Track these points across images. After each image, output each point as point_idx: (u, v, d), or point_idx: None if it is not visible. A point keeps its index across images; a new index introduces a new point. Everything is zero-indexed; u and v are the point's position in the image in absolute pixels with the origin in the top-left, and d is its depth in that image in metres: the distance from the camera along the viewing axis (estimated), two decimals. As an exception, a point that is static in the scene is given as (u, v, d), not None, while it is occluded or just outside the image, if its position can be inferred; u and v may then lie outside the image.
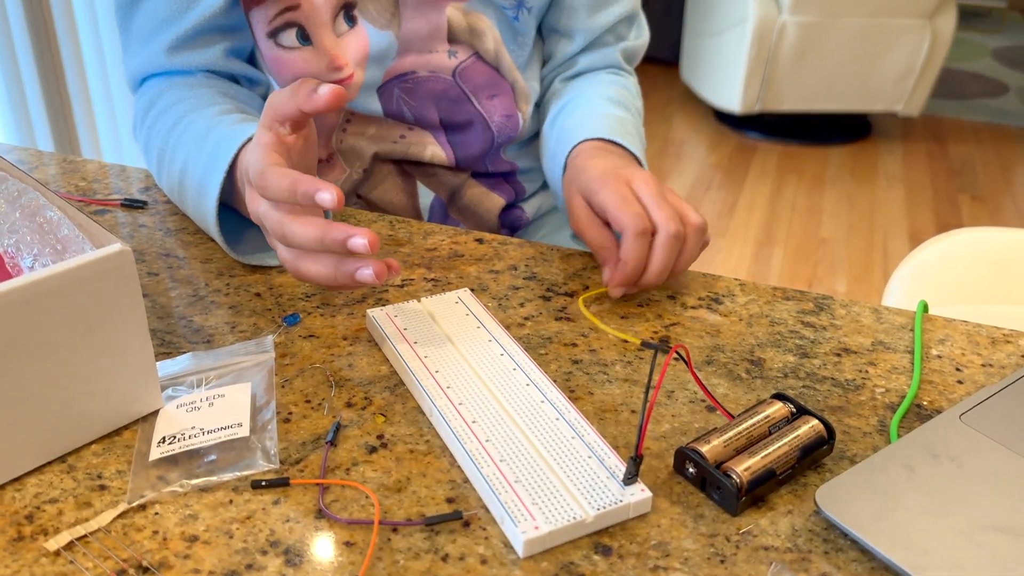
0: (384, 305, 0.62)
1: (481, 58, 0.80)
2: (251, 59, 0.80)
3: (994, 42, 4.32)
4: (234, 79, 0.79)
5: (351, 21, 0.75)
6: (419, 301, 0.61)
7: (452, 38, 0.79)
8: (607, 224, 0.64)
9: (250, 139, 0.62)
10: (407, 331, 0.58)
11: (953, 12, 2.94)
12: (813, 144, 3.20)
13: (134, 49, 0.77)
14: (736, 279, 0.67)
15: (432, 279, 0.66)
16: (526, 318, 0.62)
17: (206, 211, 0.65)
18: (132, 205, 0.75)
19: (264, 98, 0.80)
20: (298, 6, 0.73)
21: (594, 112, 0.78)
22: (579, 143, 0.74)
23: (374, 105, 0.79)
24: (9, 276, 0.50)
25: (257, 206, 0.55)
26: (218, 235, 0.65)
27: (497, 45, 0.81)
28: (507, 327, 0.61)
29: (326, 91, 0.53)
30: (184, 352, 0.57)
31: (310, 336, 0.59)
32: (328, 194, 0.50)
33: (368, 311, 0.60)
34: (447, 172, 0.85)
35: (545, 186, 0.94)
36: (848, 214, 2.72)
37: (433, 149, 0.82)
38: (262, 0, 0.74)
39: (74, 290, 0.45)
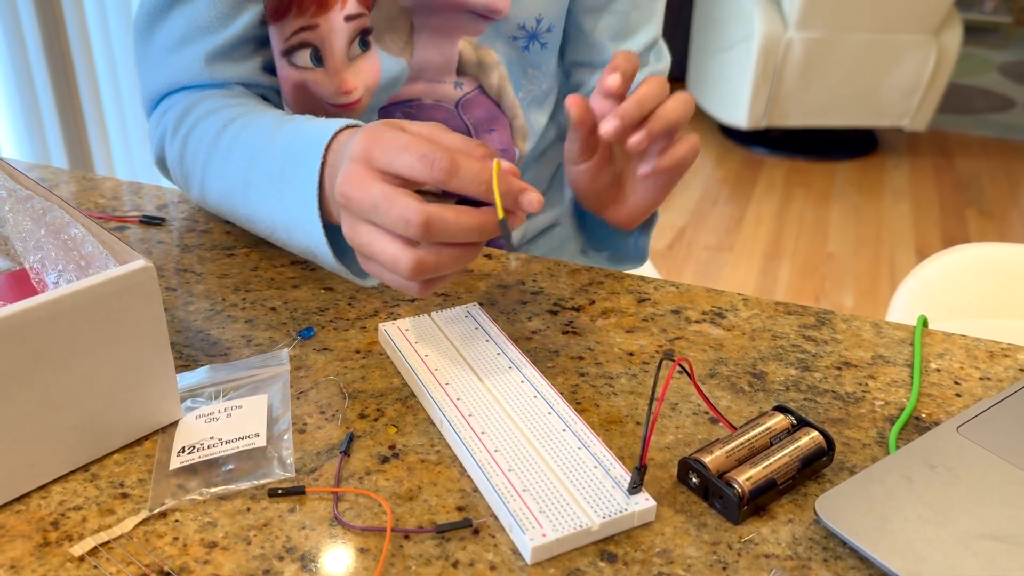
0: (396, 319, 0.63)
1: (484, 92, 0.82)
2: None
3: (1000, 57, 4.33)
4: (266, 95, 0.78)
5: (365, 46, 0.76)
6: (429, 315, 0.63)
7: (460, 70, 0.80)
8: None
9: (342, 129, 0.58)
10: (418, 345, 0.59)
11: (959, 27, 2.95)
12: (820, 159, 3.21)
13: (158, 61, 0.75)
14: (739, 294, 0.69)
15: (442, 294, 0.68)
16: (534, 332, 0.64)
17: (297, 201, 0.59)
18: (150, 222, 0.77)
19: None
20: (316, 26, 0.73)
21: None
22: None
23: None
24: (35, 292, 0.52)
25: (400, 199, 0.49)
26: (318, 222, 0.58)
27: (502, 80, 0.82)
28: (515, 340, 0.62)
29: (533, 200, 0.51)
30: (202, 365, 0.59)
31: (324, 349, 0.61)
32: (534, 195, 0.50)
33: (380, 325, 0.61)
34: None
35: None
36: (855, 229, 2.73)
37: None
38: (279, 18, 0.74)
39: (98, 305, 0.47)
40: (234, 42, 0.74)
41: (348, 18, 0.74)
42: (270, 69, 0.77)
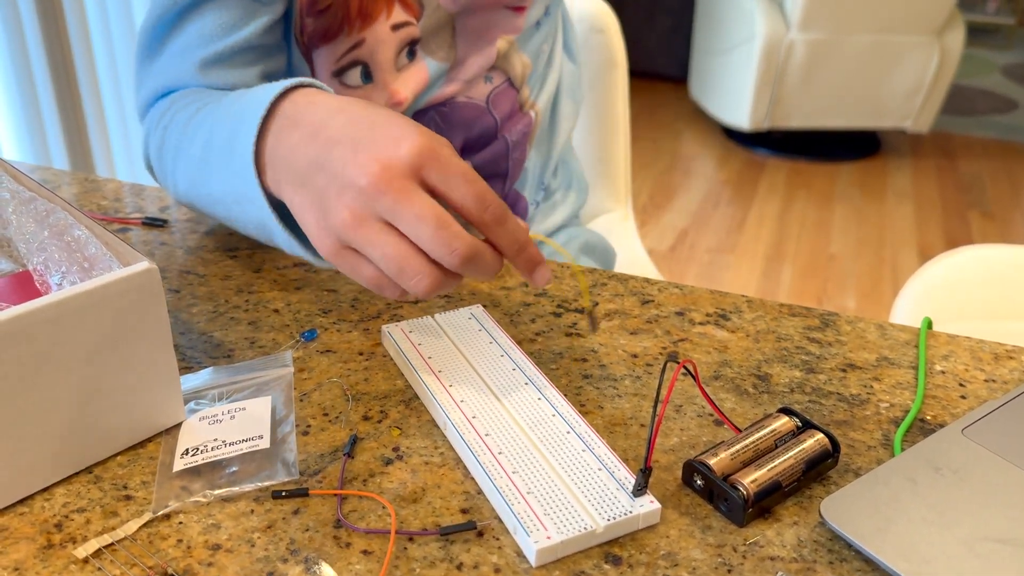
0: (399, 321, 0.63)
1: (511, 84, 0.83)
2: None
3: (1003, 58, 4.33)
4: None
5: (412, 56, 0.76)
6: (433, 317, 0.62)
7: (492, 65, 0.81)
8: None
9: (298, 85, 0.56)
10: (421, 346, 0.59)
11: (961, 29, 2.95)
12: (822, 160, 3.21)
13: (160, 68, 0.74)
14: (743, 296, 0.69)
15: (445, 296, 0.68)
16: (537, 334, 0.63)
17: (242, 170, 0.57)
18: (153, 223, 0.77)
19: None
20: (363, 41, 0.73)
21: None
22: None
23: None
24: (39, 293, 0.52)
25: (453, 226, 0.48)
26: (260, 193, 0.56)
27: (524, 69, 0.83)
28: (519, 342, 0.62)
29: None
30: (205, 367, 0.59)
31: (327, 351, 0.61)
32: (548, 272, 0.53)
33: (383, 327, 0.61)
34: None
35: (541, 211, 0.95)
36: (857, 230, 2.73)
37: None
38: (330, 40, 0.74)
39: (102, 307, 0.47)
40: (235, 50, 0.72)
41: (395, 27, 0.73)
42: (269, 77, 0.76)
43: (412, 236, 0.49)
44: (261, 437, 0.52)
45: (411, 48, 0.76)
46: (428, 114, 0.81)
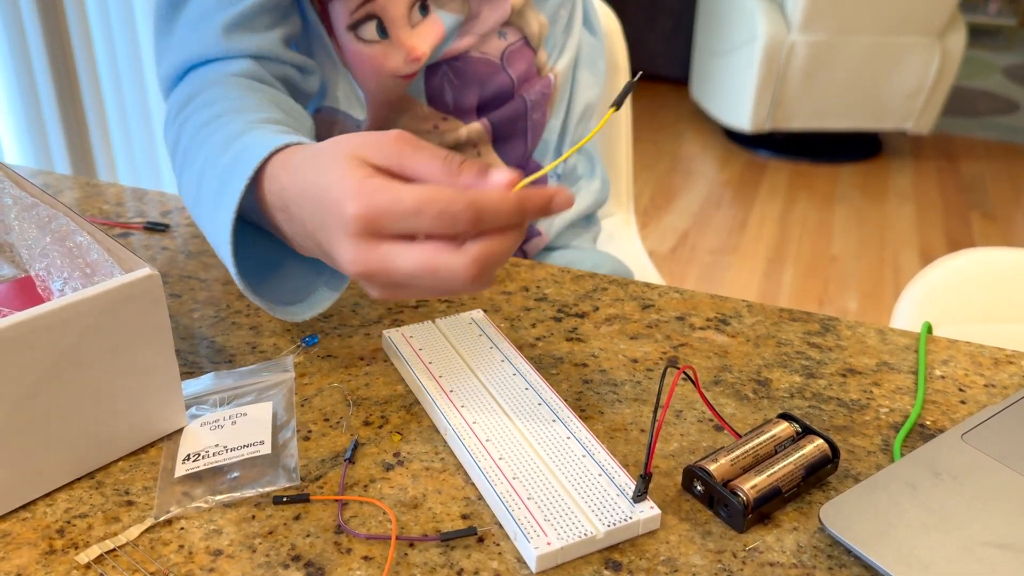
0: (400, 326, 0.63)
1: (527, 43, 0.83)
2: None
3: (1004, 60, 4.33)
4: (285, 70, 0.75)
5: (424, 11, 0.77)
6: (433, 322, 0.63)
7: (507, 20, 0.82)
8: None
9: (281, 149, 0.54)
10: (422, 351, 0.59)
11: (963, 30, 2.95)
12: (823, 162, 3.21)
13: (182, 38, 0.71)
14: (744, 300, 0.69)
15: (446, 300, 0.68)
16: (538, 338, 0.64)
17: (220, 229, 0.55)
18: (154, 228, 0.77)
19: (310, 94, 0.77)
20: None
21: None
22: None
23: (417, 85, 0.81)
24: (41, 299, 0.52)
25: (443, 249, 0.46)
26: (228, 250, 0.54)
27: (542, 28, 0.84)
28: (519, 347, 0.62)
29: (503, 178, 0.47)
30: (207, 372, 0.59)
31: (328, 356, 0.61)
32: (563, 194, 0.47)
33: (384, 332, 0.61)
34: None
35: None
36: (859, 232, 2.73)
37: (468, 128, 0.84)
38: None
39: (104, 313, 0.47)
40: (252, 11, 0.70)
41: None
42: (288, 42, 0.74)
43: (420, 287, 0.47)
44: (262, 442, 0.52)
45: (423, 3, 0.77)
46: (441, 68, 0.81)
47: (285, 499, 0.48)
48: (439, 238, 0.46)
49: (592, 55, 0.94)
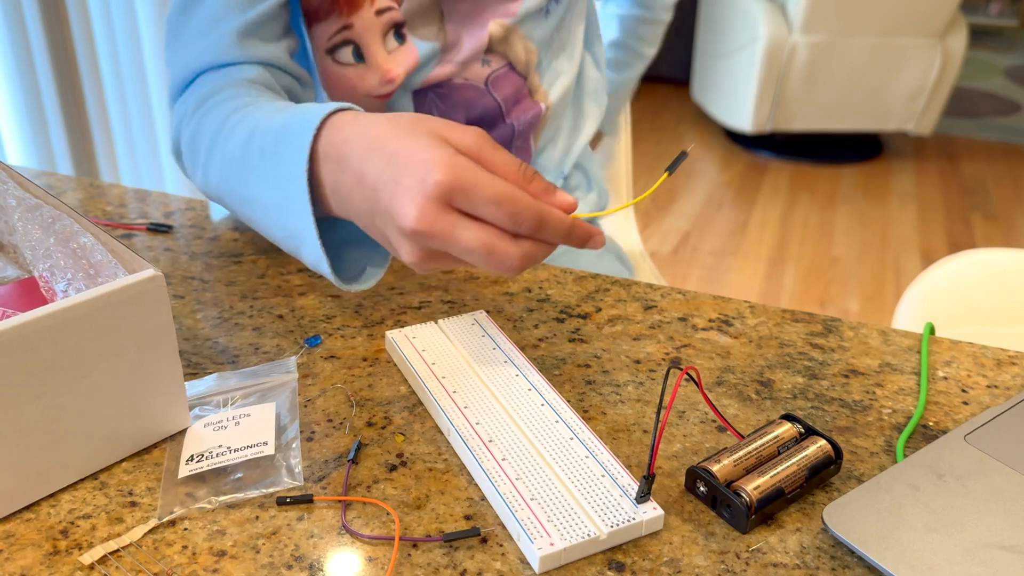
0: (403, 327, 0.64)
1: (513, 68, 0.84)
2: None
3: (1006, 61, 4.33)
4: (290, 81, 0.77)
5: (400, 38, 0.79)
6: (436, 323, 0.63)
7: (488, 48, 0.82)
8: None
9: (339, 109, 0.57)
10: (425, 352, 0.59)
11: (964, 31, 2.95)
12: (825, 163, 3.21)
13: (192, 40, 0.73)
14: (746, 301, 0.69)
15: (449, 301, 0.68)
16: (540, 339, 0.64)
17: (289, 178, 0.58)
18: (158, 229, 0.78)
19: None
20: (352, 25, 0.77)
21: None
22: None
23: (407, 106, 0.82)
24: (44, 300, 0.52)
25: (490, 185, 0.50)
26: (306, 198, 0.56)
27: (528, 54, 0.84)
28: (522, 348, 0.62)
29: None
30: (210, 372, 0.59)
31: (331, 357, 0.61)
32: (600, 237, 0.54)
33: (387, 333, 0.61)
34: None
35: None
36: (860, 233, 2.73)
37: None
38: (322, 19, 0.78)
39: (107, 314, 0.47)
40: (264, 19, 0.72)
41: (379, 12, 0.76)
42: (293, 54, 0.76)
43: (468, 261, 0.52)
44: (266, 443, 0.52)
45: (398, 31, 0.78)
46: (428, 96, 0.82)
47: (288, 500, 0.48)
48: (497, 227, 0.51)
49: (597, 89, 0.96)
